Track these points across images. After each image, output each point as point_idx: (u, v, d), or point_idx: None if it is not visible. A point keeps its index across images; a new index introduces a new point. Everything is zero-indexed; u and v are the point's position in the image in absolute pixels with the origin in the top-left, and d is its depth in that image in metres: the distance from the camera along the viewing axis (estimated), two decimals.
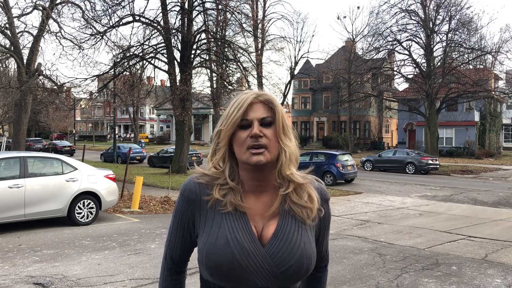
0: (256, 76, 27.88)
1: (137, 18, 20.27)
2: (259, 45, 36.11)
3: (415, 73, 34.17)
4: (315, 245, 1.45)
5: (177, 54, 20.94)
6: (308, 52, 64.20)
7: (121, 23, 20.08)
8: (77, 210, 9.47)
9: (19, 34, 20.15)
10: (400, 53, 34.24)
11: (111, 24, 19.93)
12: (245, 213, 1.36)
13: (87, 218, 9.63)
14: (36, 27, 20.59)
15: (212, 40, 22.44)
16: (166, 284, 1.49)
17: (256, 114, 1.34)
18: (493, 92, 35.54)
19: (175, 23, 21.76)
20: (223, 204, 1.36)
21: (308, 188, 1.40)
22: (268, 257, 1.32)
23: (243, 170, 1.38)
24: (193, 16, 20.92)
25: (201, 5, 21.21)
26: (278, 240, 1.34)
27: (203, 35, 22.08)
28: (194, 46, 21.11)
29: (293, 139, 1.38)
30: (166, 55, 20.81)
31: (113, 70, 21.21)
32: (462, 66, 32.95)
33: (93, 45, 20.19)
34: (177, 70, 20.88)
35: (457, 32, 31.86)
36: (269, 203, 1.39)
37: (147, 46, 20.87)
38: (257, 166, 1.32)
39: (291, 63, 48.41)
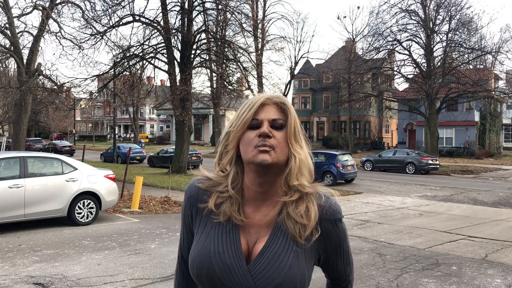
0: (256, 76, 27.89)
1: (137, 18, 20.28)
2: (259, 45, 36.13)
3: (415, 73, 34.19)
4: (327, 267, 1.40)
5: (177, 54, 20.94)
6: (308, 52, 64.30)
7: (121, 23, 20.09)
8: (77, 210, 9.47)
9: (19, 34, 20.15)
10: (400, 53, 34.28)
11: (111, 24, 19.95)
12: (237, 226, 1.30)
13: (87, 218, 9.62)
14: (36, 27, 20.62)
15: (212, 40, 22.45)
16: (178, 283, 1.48)
17: (267, 115, 1.28)
18: (493, 92, 35.56)
19: (175, 23, 21.80)
20: (217, 214, 1.32)
21: (309, 201, 1.30)
22: (250, 276, 1.25)
23: (248, 173, 1.31)
24: (193, 16, 20.92)
25: (201, 5, 21.22)
26: (263, 260, 1.26)
27: (203, 35, 22.10)
28: (194, 46, 21.11)
29: (304, 148, 1.30)
30: (166, 55, 20.81)
31: (113, 70, 21.22)
32: (462, 66, 32.97)
33: (93, 45, 20.22)
34: (177, 70, 20.88)
35: (457, 32, 31.89)
36: (268, 214, 1.31)
37: (147, 46, 20.90)
38: (261, 166, 1.24)
39: (291, 63, 48.44)
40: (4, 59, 27.17)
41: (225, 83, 25.12)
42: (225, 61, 21.86)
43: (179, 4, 20.29)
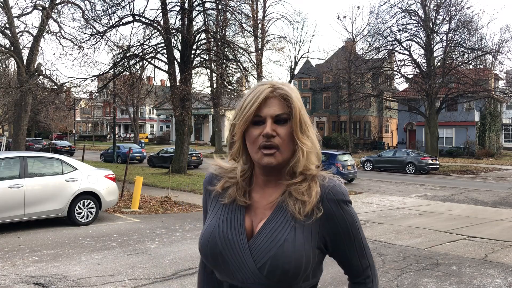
0: (256, 76, 27.87)
1: (137, 18, 20.29)
2: (259, 45, 36.13)
3: (415, 73, 34.18)
4: (339, 257, 1.38)
5: (177, 54, 20.94)
6: (308, 52, 64.39)
7: (121, 23, 20.09)
8: (77, 210, 9.47)
9: (19, 34, 20.15)
10: (400, 53, 34.27)
11: (111, 24, 19.95)
12: (243, 207, 1.35)
13: (87, 218, 9.63)
14: (36, 27, 20.62)
15: (212, 40, 22.44)
16: (199, 273, 1.51)
17: (270, 110, 1.27)
18: (493, 92, 35.57)
19: (175, 23, 21.79)
20: (224, 196, 1.39)
21: (312, 181, 1.31)
22: (249, 251, 1.28)
23: (255, 165, 1.37)
24: (193, 16, 20.92)
25: (201, 5, 21.21)
26: (262, 235, 1.29)
27: (203, 35, 22.09)
28: (194, 46, 21.11)
29: (312, 136, 1.32)
30: (166, 55, 20.81)
31: (113, 70, 21.22)
32: (462, 66, 32.96)
33: (93, 45, 20.21)
34: (177, 70, 20.88)
35: (457, 32, 31.88)
36: (272, 195, 1.35)
37: (147, 46, 20.89)
38: (267, 167, 1.31)
39: (291, 63, 48.50)
40: (4, 59, 27.20)
41: (225, 83, 25.12)
42: (225, 61, 21.85)
43: (179, 4, 20.30)
